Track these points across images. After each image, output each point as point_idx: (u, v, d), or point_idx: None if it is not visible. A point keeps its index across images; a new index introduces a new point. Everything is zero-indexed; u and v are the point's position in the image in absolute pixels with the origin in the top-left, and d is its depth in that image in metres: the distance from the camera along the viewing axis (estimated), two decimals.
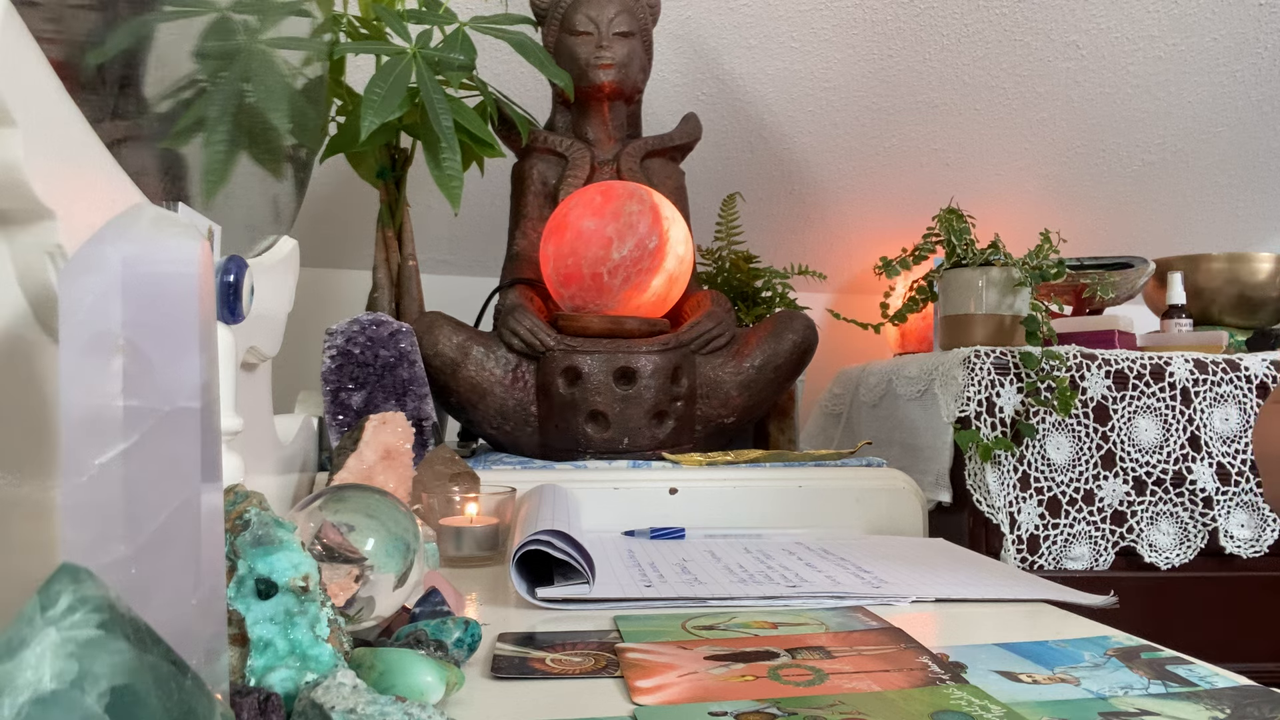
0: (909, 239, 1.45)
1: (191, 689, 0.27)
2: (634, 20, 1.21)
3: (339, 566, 0.47)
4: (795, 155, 1.71)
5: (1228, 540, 1.13)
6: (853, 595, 0.66)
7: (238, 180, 0.74)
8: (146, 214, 0.34)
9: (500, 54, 1.47)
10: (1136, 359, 1.15)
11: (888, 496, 0.98)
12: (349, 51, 1.11)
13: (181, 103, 0.62)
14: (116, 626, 0.25)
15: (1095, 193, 1.85)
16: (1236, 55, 1.65)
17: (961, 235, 1.24)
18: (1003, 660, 0.50)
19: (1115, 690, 0.44)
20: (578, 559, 0.66)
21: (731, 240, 1.57)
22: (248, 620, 0.39)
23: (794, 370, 1.13)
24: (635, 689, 0.46)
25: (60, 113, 0.43)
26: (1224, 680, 0.46)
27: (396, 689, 0.40)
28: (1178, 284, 1.46)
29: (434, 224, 1.62)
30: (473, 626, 0.49)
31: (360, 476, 0.71)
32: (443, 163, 1.06)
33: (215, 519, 0.34)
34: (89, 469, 0.31)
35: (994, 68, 1.62)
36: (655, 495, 0.96)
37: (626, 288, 1.08)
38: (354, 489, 0.52)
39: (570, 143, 1.22)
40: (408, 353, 0.97)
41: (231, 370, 0.58)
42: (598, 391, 1.03)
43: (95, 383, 0.31)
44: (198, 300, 0.33)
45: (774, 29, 1.53)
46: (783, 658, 0.51)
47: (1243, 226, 1.97)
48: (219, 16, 0.68)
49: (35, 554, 0.43)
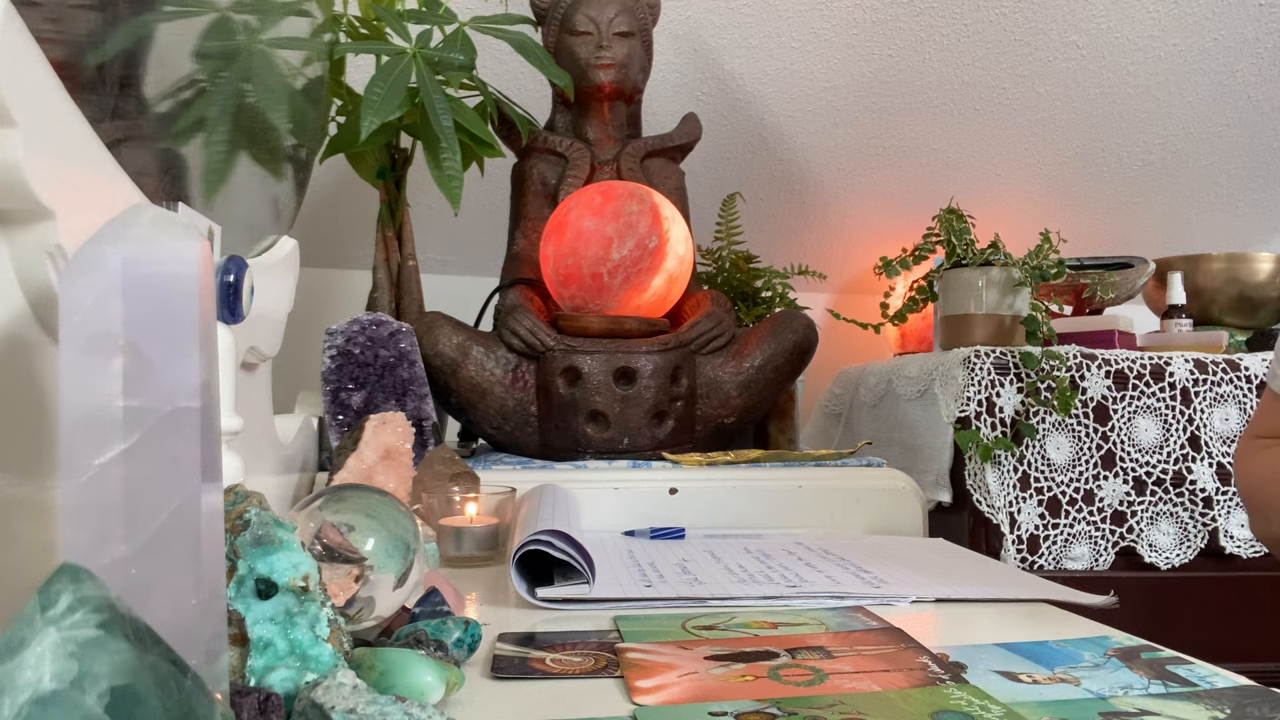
0: (909, 239, 1.45)
1: (191, 689, 0.27)
2: (634, 20, 1.21)
3: (339, 566, 0.47)
4: (795, 155, 1.71)
5: (1228, 540, 1.13)
6: (853, 595, 0.66)
7: (238, 180, 0.74)
8: (146, 214, 0.34)
9: (500, 54, 1.47)
10: (1136, 359, 1.15)
11: (888, 496, 0.98)
12: (349, 51, 1.11)
13: (181, 103, 0.62)
14: (116, 626, 0.25)
15: (1095, 193, 1.85)
16: (1236, 55, 1.65)
17: (961, 235, 1.24)
18: (1003, 660, 0.50)
19: (1115, 690, 0.44)
20: (578, 559, 0.66)
21: (731, 240, 1.57)
22: (248, 620, 0.39)
23: (794, 370, 1.13)
24: (635, 689, 0.46)
25: (60, 113, 0.43)
26: (1224, 680, 0.46)
27: (396, 689, 0.40)
28: (1178, 284, 1.46)
29: (434, 224, 1.62)
30: (473, 626, 0.49)
31: (360, 476, 0.71)
32: (443, 163, 1.06)
33: (215, 519, 0.34)
34: (89, 469, 0.31)
35: (994, 68, 1.62)
36: (655, 495, 0.96)
37: (626, 288, 1.08)
38: (354, 489, 0.52)
39: (570, 143, 1.22)
40: (408, 353, 0.97)
41: (231, 370, 0.58)
42: (598, 391, 1.03)
43: (95, 383, 0.31)
44: (198, 300, 0.33)
45: (774, 29, 1.53)
46: (783, 658, 0.51)
47: (1243, 226, 1.97)
48: (219, 16, 0.68)
49: (35, 554, 0.43)
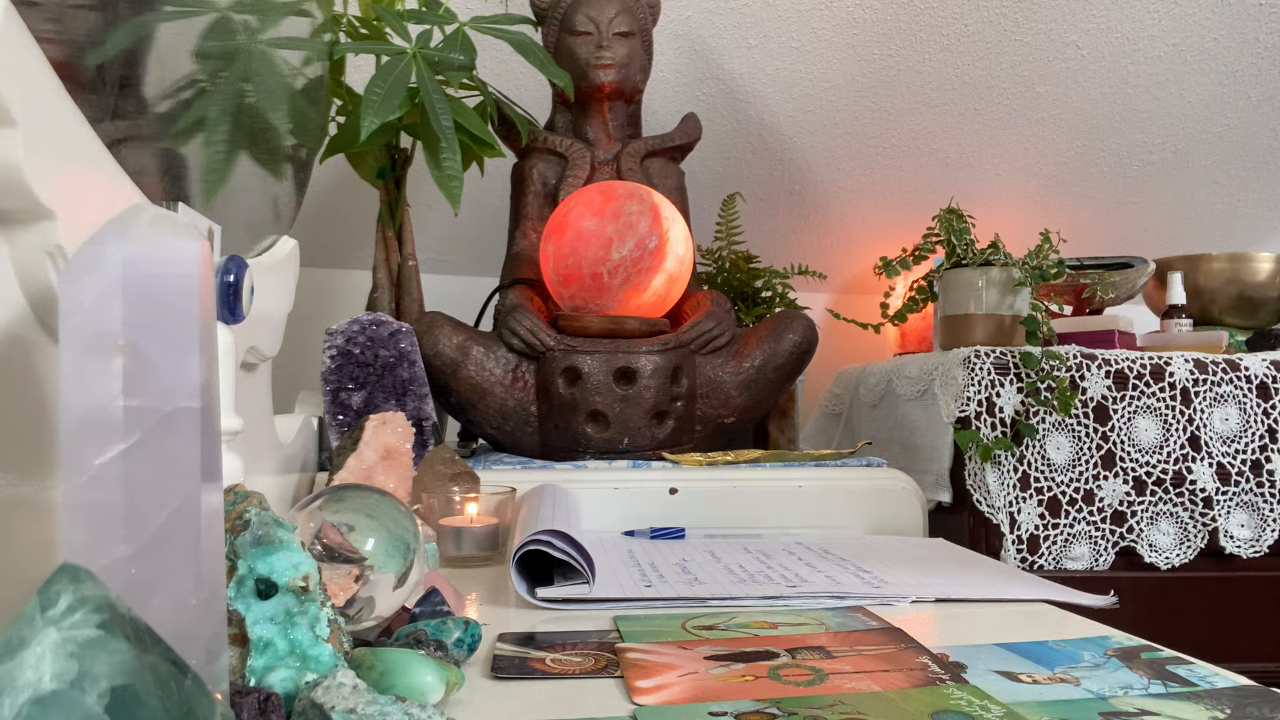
0: (909, 239, 1.45)
1: (191, 689, 0.27)
2: (634, 20, 1.21)
3: (339, 566, 0.47)
4: (795, 155, 1.71)
5: (1228, 540, 1.13)
6: (853, 595, 0.66)
7: (238, 180, 0.74)
8: (146, 214, 0.34)
9: (500, 54, 1.47)
10: (1136, 359, 1.15)
11: (888, 496, 0.98)
12: (349, 51, 1.11)
13: (181, 103, 0.62)
14: (116, 626, 0.25)
15: (1095, 193, 1.85)
16: (1236, 55, 1.65)
17: (961, 235, 1.24)
18: (1003, 660, 0.50)
19: (1115, 690, 0.44)
20: (578, 559, 0.66)
21: (731, 240, 1.57)
22: (248, 620, 0.39)
23: (794, 370, 1.13)
24: (635, 689, 0.46)
25: (60, 113, 0.43)
26: (1224, 680, 0.46)
27: (396, 689, 0.40)
28: (1178, 284, 1.46)
29: (434, 224, 1.62)
30: (473, 626, 0.49)
31: (360, 476, 0.71)
32: (443, 163, 1.06)
33: (215, 519, 0.34)
34: (89, 469, 0.31)
35: (994, 68, 1.62)
36: (655, 495, 0.96)
37: (626, 288, 1.08)
38: (354, 489, 0.52)
39: (570, 143, 1.22)
40: (408, 353, 0.97)
41: (231, 370, 0.58)
42: (598, 391, 1.03)
43: (95, 383, 0.31)
44: (198, 300, 0.33)
45: (774, 29, 1.53)
46: (783, 658, 0.51)
47: (1243, 226, 1.97)
48: (219, 16, 0.68)
49: (35, 554, 0.43)
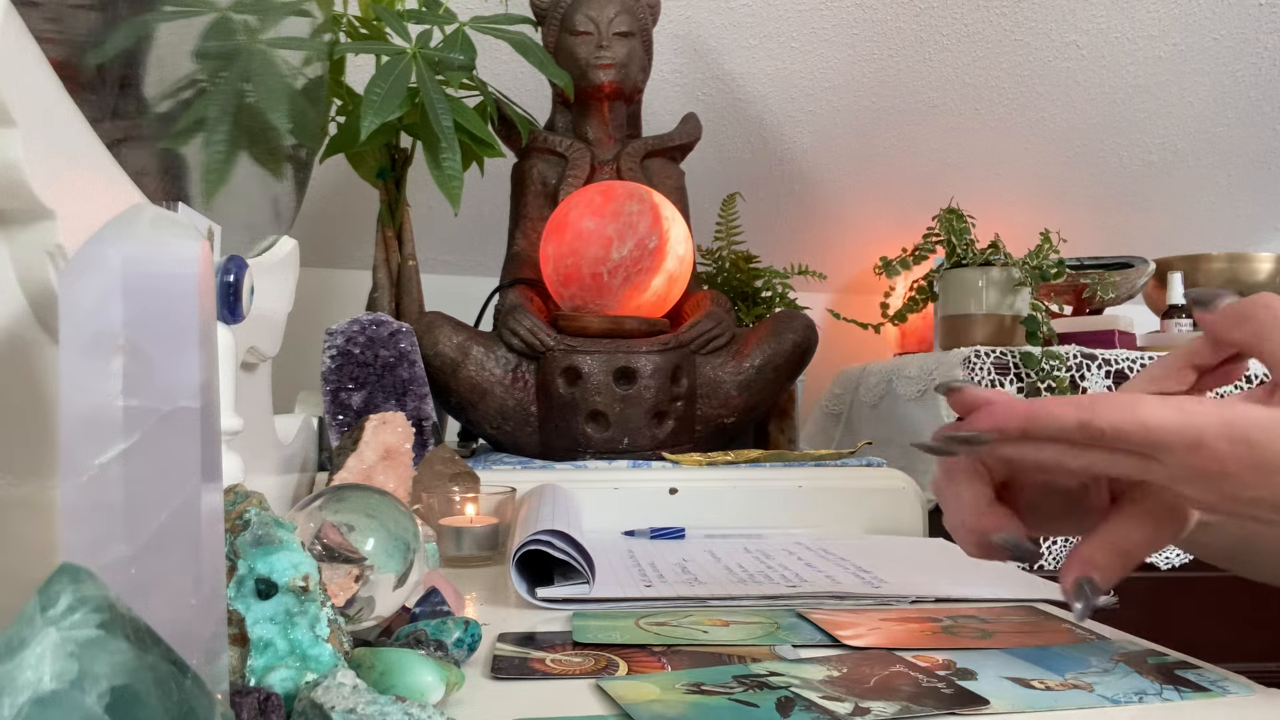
0: (909, 239, 1.45)
1: (191, 689, 0.27)
2: (634, 20, 1.21)
3: (339, 566, 0.47)
4: (795, 155, 1.71)
5: None
6: (853, 595, 0.66)
7: (238, 180, 0.74)
8: (146, 214, 0.34)
9: (500, 54, 1.47)
10: (1136, 359, 1.15)
11: (888, 496, 0.98)
12: (349, 51, 1.11)
13: (181, 103, 0.62)
14: (116, 626, 0.25)
15: (1095, 193, 1.85)
16: (1237, 55, 1.65)
17: (961, 235, 1.24)
18: (1011, 666, 0.50)
19: (1130, 696, 0.44)
20: (578, 559, 0.66)
21: (731, 240, 1.57)
22: (248, 620, 0.39)
23: (794, 370, 1.13)
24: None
25: (60, 113, 0.43)
26: (1235, 684, 0.45)
27: (396, 689, 0.40)
28: (1178, 284, 1.46)
29: (434, 224, 1.62)
30: (473, 626, 0.49)
31: (360, 476, 0.71)
32: (443, 163, 1.06)
33: (215, 519, 0.34)
34: (89, 469, 0.31)
35: (994, 68, 1.62)
36: (655, 495, 0.96)
37: (626, 288, 1.08)
38: (354, 489, 0.52)
39: (570, 143, 1.22)
40: (408, 353, 0.97)
41: (231, 370, 0.58)
42: (598, 391, 1.03)
43: (95, 383, 0.31)
44: (198, 300, 0.33)
45: (774, 29, 1.53)
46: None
47: (1243, 226, 1.97)
48: (219, 16, 0.68)
49: (35, 554, 0.43)
